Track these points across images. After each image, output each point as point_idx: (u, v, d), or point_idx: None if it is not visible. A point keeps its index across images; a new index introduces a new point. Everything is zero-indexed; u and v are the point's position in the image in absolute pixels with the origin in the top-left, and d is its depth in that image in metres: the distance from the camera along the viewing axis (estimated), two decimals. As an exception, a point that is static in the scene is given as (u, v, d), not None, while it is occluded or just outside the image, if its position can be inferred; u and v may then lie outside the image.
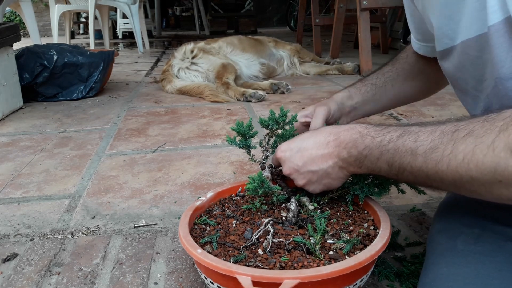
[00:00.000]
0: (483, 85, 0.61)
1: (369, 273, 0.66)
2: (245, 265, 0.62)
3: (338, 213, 0.76)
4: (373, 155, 0.60)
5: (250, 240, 0.68)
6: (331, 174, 0.67)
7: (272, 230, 0.68)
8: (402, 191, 0.74)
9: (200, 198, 0.80)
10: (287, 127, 0.82)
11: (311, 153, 0.68)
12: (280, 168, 0.80)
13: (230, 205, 0.82)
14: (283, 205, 0.78)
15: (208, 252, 0.65)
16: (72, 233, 0.92)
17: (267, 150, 0.82)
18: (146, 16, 5.58)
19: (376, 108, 0.94)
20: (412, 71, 0.90)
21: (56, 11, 3.85)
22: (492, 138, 0.46)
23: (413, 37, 0.88)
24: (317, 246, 0.64)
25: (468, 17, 0.56)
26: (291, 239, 0.66)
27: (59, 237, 0.90)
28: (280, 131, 0.83)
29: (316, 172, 0.68)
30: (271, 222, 0.70)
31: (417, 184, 0.63)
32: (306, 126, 0.88)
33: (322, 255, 0.63)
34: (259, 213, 0.77)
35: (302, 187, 0.73)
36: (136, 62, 3.55)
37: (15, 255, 0.83)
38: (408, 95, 0.94)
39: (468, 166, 0.48)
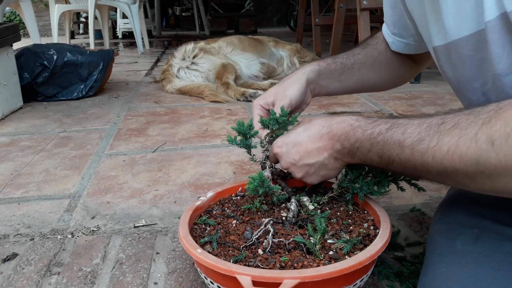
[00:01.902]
0: (475, 84, 0.61)
1: (369, 273, 0.66)
2: (245, 265, 0.62)
3: (338, 213, 0.76)
4: (364, 147, 0.62)
5: (250, 240, 0.68)
6: (327, 165, 0.69)
7: (272, 230, 0.68)
8: (402, 189, 0.73)
9: (200, 198, 0.80)
10: (288, 127, 0.82)
11: (307, 147, 0.69)
12: (280, 168, 0.81)
13: (230, 205, 0.82)
14: (283, 205, 0.78)
15: (208, 252, 0.65)
16: (72, 233, 0.92)
17: (268, 150, 0.82)
18: (146, 16, 5.57)
19: (339, 89, 0.92)
20: (379, 60, 0.90)
21: (56, 11, 3.85)
22: (475, 131, 0.47)
23: (387, 31, 0.87)
24: (317, 246, 0.64)
25: (463, 15, 0.56)
26: (291, 239, 0.66)
27: (59, 237, 0.90)
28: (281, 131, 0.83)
29: (313, 165, 0.70)
30: (271, 222, 0.70)
31: (407, 175, 0.65)
32: (266, 112, 0.87)
33: (322, 255, 0.63)
34: (259, 213, 0.77)
35: (300, 179, 0.74)
36: (136, 62, 3.55)
37: (15, 255, 0.83)
38: (371, 83, 0.94)
39: (452, 158, 0.49)
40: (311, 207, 0.75)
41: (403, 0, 0.75)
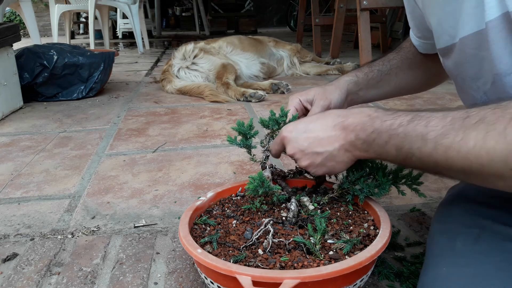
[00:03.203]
0: (478, 82, 0.61)
1: (369, 273, 0.66)
2: (245, 265, 0.62)
3: (338, 213, 0.76)
4: (382, 138, 0.59)
5: (250, 240, 0.68)
6: (336, 157, 0.66)
7: (272, 230, 0.68)
8: (402, 193, 0.73)
9: (200, 198, 0.81)
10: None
11: (318, 135, 0.67)
12: (280, 168, 0.81)
13: (230, 205, 0.82)
14: (283, 205, 0.78)
15: (208, 252, 0.65)
16: (72, 233, 0.92)
17: (268, 150, 0.82)
18: (146, 16, 5.57)
19: (377, 96, 0.92)
20: (415, 61, 0.90)
21: (56, 11, 3.85)
22: (504, 125, 0.45)
23: (413, 35, 0.88)
24: (317, 246, 0.64)
25: (466, 14, 0.56)
26: (291, 239, 0.66)
27: (59, 237, 0.90)
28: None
29: (321, 154, 0.67)
30: (271, 222, 0.70)
31: (423, 170, 0.61)
32: (305, 111, 0.87)
33: (322, 255, 0.63)
34: (259, 213, 0.77)
35: (304, 168, 0.72)
36: (136, 62, 3.55)
37: (15, 255, 0.83)
38: (409, 85, 0.93)
39: (479, 153, 0.47)
40: (311, 207, 0.75)
41: (420, 6, 0.75)
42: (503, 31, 0.51)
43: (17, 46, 2.06)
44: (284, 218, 0.74)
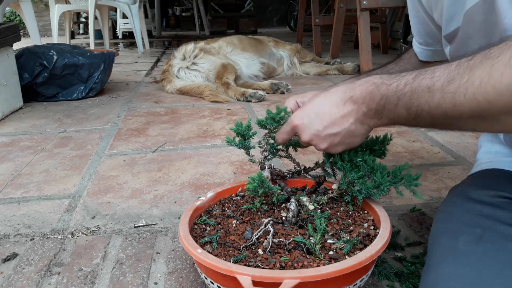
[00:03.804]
0: None
1: (369, 273, 0.66)
2: (245, 265, 0.62)
3: (338, 213, 0.76)
4: (391, 102, 0.58)
5: (250, 240, 0.68)
6: (353, 131, 0.66)
7: (272, 230, 0.68)
8: (401, 193, 0.73)
9: (200, 198, 0.81)
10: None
11: (331, 115, 0.66)
12: (279, 169, 0.80)
13: (230, 205, 0.82)
14: (283, 205, 0.78)
15: (208, 252, 0.65)
16: (72, 233, 0.92)
17: (266, 151, 0.82)
18: (146, 16, 5.57)
19: None
20: None
21: (56, 11, 3.85)
22: (509, 55, 0.44)
23: (415, 42, 0.87)
24: (317, 246, 0.64)
25: None
26: (291, 239, 0.66)
27: (59, 237, 0.90)
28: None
29: (338, 134, 0.67)
30: (271, 222, 0.70)
31: (437, 127, 0.59)
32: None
33: (322, 255, 0.63)
34: (259, 213, 0.77)
35: (323, 151, 0.71)
36: (136, 62, 3.55)
37: (15, 255, 0.83)
38: None
39: (486, 89, 0.46)
40: (311, 207, 0.75)
41: (422, 4, 0.75)
42: None
43: (17, 46, 2.06)
44: (284, 218, 0.74)
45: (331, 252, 0.64)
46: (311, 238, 0.66)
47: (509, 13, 0.51)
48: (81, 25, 6.68)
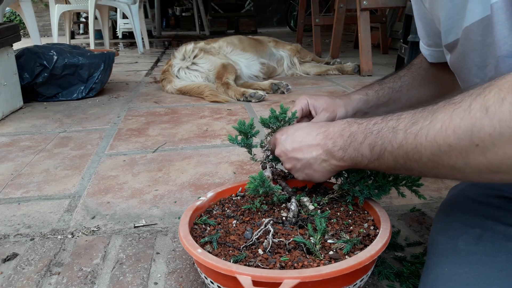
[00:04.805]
0: (485, 70, 0.60)
1: (369, 273, 0.66)
2: (245, 265, 0.62)
3: (338, 213, 0.76)
4: (357, 140, 0.60)
5: (250, 240, 0.68)
6: (312, 165, 0.69)
7: (272, 230, 0.68)
8: (402, 194, 0.73)
9: (200, 198, 0.80)
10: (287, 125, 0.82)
11: (300, 141, 0.70)
12: (280, 168, 0.81)
13: (230, 205, 0.82)
14: (284, 205, 0.78)
15: (208, 252, 0.65)
16: (72, 233, 0.92)
17: (268, 150, 0.82)
18: (146, 16, 5.58)
19: (386, 113, 0.93)
20: (427, 77, 0.89)
21: (56, 11, 3.85)
22: (469, 102, 0.46)
23: (423, 44, 0.86)
24: (317, 246, 0.64)
25: (473, 2, 0.56)
26: (291, 239, 0.66)
27: (59, 237, 0.90)
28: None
29: (300, 160, 0.70)
30: (271, 222, 0.70)
31: (397, 170, 0.59)
32: (308, 113, 0.87)
33: (322, 255, 0.63)
34: (259, 213, 0.77)
35: (288, 171, 0.75)
36: (136, 62, 3.55)
37: (15, 255, 0.83)
38: (421, 100, 0.92)
39: (446, 133, 0.47)
40: (311, 207, 0.75)
41: (427, 7, 0.74)
42: (507, 13, 0.51)
43: (17, 46, 2.06)
44: (284, 218, 0.74)
45: (331, 252, 0.64)
46: (311, 238, 0.66)
47: (508, 40, 0.52)
48: (81, 25, 6.69)
